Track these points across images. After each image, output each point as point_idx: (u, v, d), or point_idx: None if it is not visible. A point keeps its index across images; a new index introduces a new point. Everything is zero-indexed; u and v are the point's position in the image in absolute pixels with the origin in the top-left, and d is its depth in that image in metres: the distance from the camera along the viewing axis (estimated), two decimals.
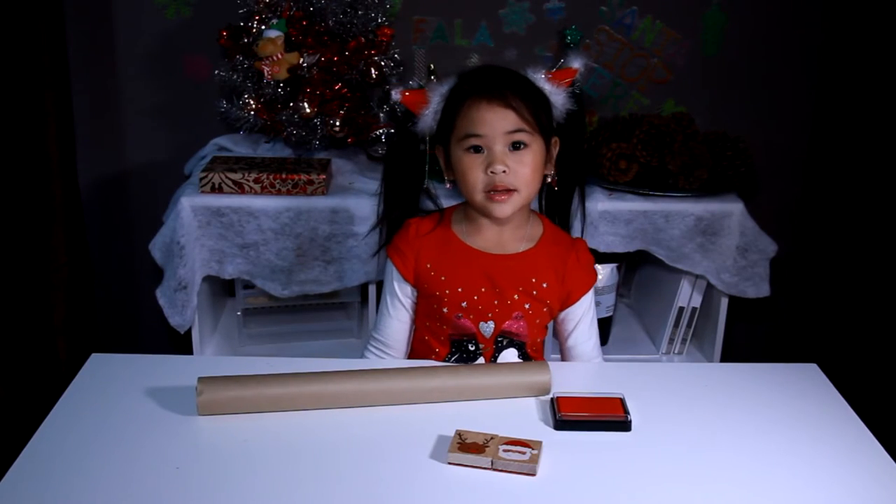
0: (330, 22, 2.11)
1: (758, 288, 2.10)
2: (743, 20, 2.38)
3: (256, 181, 1.98)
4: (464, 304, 1.53)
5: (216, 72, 2.14)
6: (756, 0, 2.37)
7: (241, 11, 2.15)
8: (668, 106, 2.43)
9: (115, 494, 1.12)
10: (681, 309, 2.19)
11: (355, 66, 2.12)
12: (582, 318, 1.60)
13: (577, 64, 1.55)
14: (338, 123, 2.09)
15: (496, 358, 1.57)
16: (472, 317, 1.53)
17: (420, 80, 2.14)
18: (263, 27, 2.10)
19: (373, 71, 2.13)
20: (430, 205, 1.65)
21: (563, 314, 1.60)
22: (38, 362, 2.23)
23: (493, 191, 1.46)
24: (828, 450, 1.27)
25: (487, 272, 1.52)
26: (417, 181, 1.62)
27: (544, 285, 1.54)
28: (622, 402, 1.34)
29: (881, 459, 1.26)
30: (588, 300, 1.60)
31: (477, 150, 1.47)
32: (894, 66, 2.16)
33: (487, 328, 1.54)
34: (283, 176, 1.99)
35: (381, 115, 2.16)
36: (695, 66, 2.41)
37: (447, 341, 1.56)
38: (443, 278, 1.53)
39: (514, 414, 1.33)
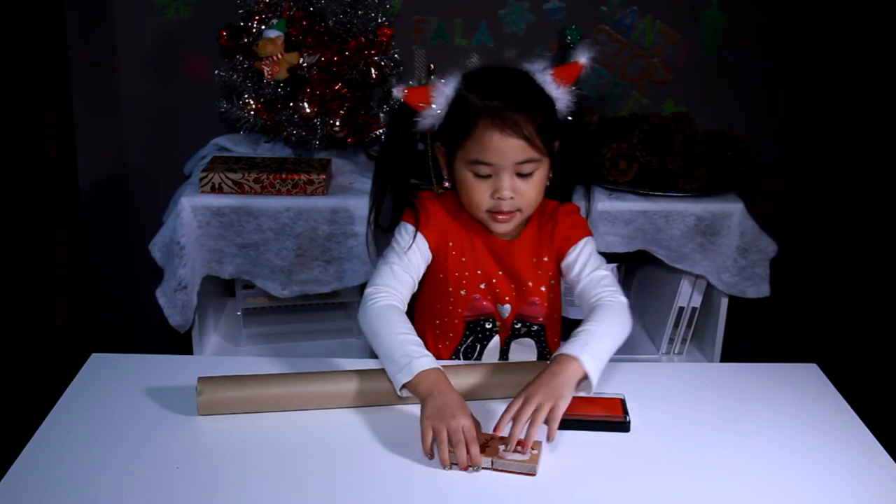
0: (330, 22, 2.11)
1: (758, 288, 2.10)
2: (742, 21, 2.38)
3: (256, 181, 1.98)
4: (482, 286, 1.52)
5: (216, 72, 2.14)
6: (755, 1, 2.37)
7: (241, 11, 2.15)
8: (668, 106, 2.43)
9: (115, 494, 1.12)
10: (681, 309, 2.19)
11: (355, 66, 2.11)
12: (579, 259, 1.52)
13: (583, 59, 1.51)
14: (338, 123, 2.08)
15: (509, 342, 1.57)
16: (490, 297, 1.54)
17: (421, 80, 2.14)
18: (263, 27, 2.10)
19: (373, 71, 2.13)
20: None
21: (562, 266, 1.55)
22: (38, 362, 2.23)
23: (497, 212, 1.46)
24: (828, 450, 1.27)
25: (502, 258, 1.52)
26: (411, 177, 1.58)
27: (545, 259, 1.54)
28: (622, 402, 1.34)
29: (881, 459, 1.26)
30: (581, 244, 1.53)
31: (484, 173, 1.44)
32: (893, 66, 2.16)
33: (504, 310, 1.55)
34: (283, 176, 1.99)
35: (381, 115, 2.16)
36: (695, 67, 2.41)
37: (461, 324, 1.55)
38: (463, 259, 1.52)
39: None
